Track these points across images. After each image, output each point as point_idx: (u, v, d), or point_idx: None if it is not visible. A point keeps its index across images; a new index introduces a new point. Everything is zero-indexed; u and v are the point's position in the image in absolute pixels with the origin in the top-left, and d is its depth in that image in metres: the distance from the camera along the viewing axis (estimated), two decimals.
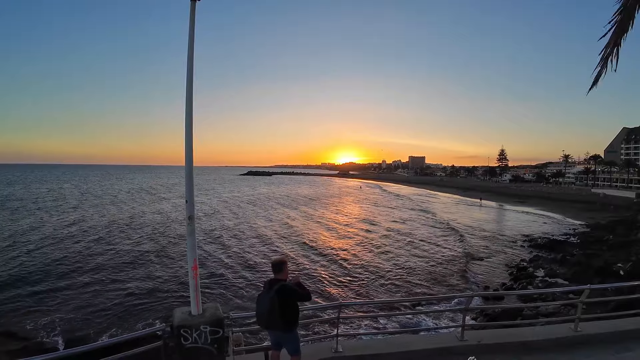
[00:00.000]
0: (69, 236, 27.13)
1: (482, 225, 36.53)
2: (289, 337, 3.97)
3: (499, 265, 21.01)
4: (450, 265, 20.97)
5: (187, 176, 3.86)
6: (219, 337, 3.77)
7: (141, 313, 13.78)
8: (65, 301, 14.79)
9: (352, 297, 15.80)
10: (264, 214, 42.72)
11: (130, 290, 16.02)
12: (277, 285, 3.82)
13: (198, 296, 3.85)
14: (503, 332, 5.87)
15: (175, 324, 3.68)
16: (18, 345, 10.81)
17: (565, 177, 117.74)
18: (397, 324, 12.56)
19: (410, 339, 6.44)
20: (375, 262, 21.22)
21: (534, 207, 55.28)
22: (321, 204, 58.57)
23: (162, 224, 33.60)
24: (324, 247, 25.41)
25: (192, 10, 3.76)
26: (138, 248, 23.94)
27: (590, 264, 18.79)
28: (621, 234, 28.41)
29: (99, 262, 20.35)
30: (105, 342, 3.95)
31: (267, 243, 26.29)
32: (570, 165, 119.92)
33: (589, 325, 5.64)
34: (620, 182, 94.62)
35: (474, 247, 25.95)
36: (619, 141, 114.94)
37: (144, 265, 19.95)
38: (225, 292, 16.05)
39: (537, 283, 17.27)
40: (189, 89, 3.79)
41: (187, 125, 3.82)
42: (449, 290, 16.78)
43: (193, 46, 3.79)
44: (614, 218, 38.98)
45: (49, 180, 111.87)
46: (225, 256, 22.15)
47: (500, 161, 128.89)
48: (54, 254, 21.91)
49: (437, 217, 42.69)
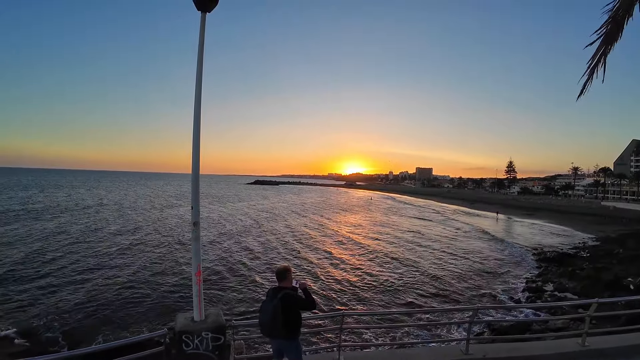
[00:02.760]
0: (89, 240, 27.38)
1: (492, 238, 36.09)
2: (291, 346, 3.95)
3: (506, 279, 20.67)
4: (457, 277, 20.69)
5: (193, 183, 3.94)
6: (220, 344, 3.77)
7: (144, 317, 13.77)
8: (69, 302, 14.84)
9: (356, 306, 15.63)
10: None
11: (136, 294, 16.06)
12: (281, 293, 3.82)
13: (201, 302, 3.87)
14: (509, 346, 5.77)
15: (177, 330, 3.70)
16: (19, 348, 10.89)
17: (574, 189, 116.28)
18: (401, 336, 12.37)
19: (414, 352, 6.35)
20: (386, 272, 21.03)
21: (543, 219, 54.47)
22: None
23: (178, 230, 33.86)
24: (341, 257, 25.28)
25: (203, 21, 3.87)
26: (154, 253, 24.04)
27: (600, 277, 18.40)
28: (632, 248, 27.82)
29: (108, 263, 20.48)
30: (107, 345, 3.98)
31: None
32: (579, 177, 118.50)
33: (596, 340, 5.53)
34: (630, 195, 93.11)
35: (481, 259, 25.61)
36: (628, 153, 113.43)
37: (153, 269, 20.02)
38: (229, 298, 15.98)
39: (545, 297, 16.95)
40: (197, 99, 3.89)
41: (195, 134, 3.90)
42: (454, 302, 16.52)
43: (202, 56, 3.90)
44: (625, 231, 38.25)
45: (68, 185, 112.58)
46: (236, 262, 22.12)
47: (508, 173, 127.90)
48: (67, 255, 22.12)
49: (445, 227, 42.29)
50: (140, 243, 27.55)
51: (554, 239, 36.76)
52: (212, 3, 3.79)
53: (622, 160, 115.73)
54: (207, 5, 3.80)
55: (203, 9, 3.82)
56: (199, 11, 3.83)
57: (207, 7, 3.81)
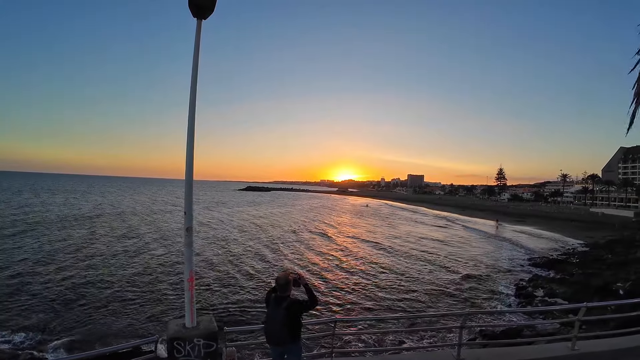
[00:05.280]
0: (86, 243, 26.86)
1: (481, 245, 36.36)
2: (296, 349, 4.00)
3: (497, 284, 20.81)
4: (449, 282, 20.78)
5: (187, 189, 3.92)
6: (212, 350, 3.74)
7: (134, 324, 13.52)
8: (55, 309, 14.51)
9: (347, 312, 15.58)
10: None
11: (126, 300, 15.78)
12: (285, 302, 3.85)
13: (193, 308, 3.84)
14: (500, 351, 5.82)
15: (168, 336, 3.66)
16: (5, 355, 10.63)
17: (563, 196, 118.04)
18: (394, 341, 12.35)
19: (406, 357, 6.37)
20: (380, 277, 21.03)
21: (533, 226, 55.08)
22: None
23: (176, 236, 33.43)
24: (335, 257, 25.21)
25: (198, 28, 3.90)
26: (145, 258, 23.68)
27: (589, 283, 18.65)
28: (620, 253, 28.30)
29: (100, 269, 20.10)
30: (97, 352, 3.92)
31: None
32: (568, 184, 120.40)
33: (586, 344, 5.60)
34: (618, 202, 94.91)
35: (472, 265, 25.77)
36: (616, 161, 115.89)
37: (144, 275, 19.70)
38: (221, 304, 15.79)
39: (536, 302, 17.09)
40: (191, 106, 3.89)
41: (189, 139, 3.90)
42: (446, 307, 16.58)
43: (198, 63, 3.92)
44: (613, 237, 38.88)
45: (70, 190, 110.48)
46: (231, 268, 21.90)
47: (498, 180, 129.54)
48: (54, 262, 21.66)
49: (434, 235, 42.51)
50: (131, 248, 27.15)
51: (544, 245, 37.17)
52: (207, 11, 3.83)
53: (609, 167, 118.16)
54: (202, 12, 3.84)
55: (199, 16, 3.86)
56: (195, 18, 3.87)
57: (203, 14, 3.85)
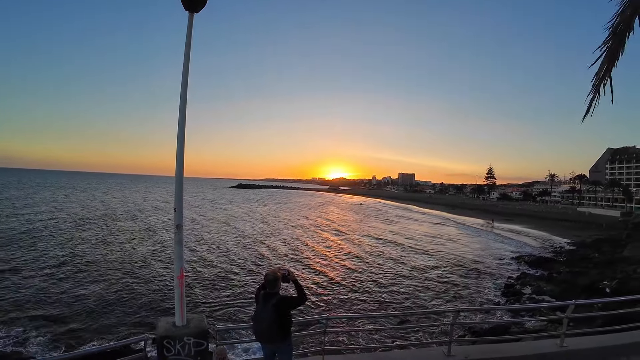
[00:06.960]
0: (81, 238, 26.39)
1: (470, 243, 36.78)
2: (286, 347, 3.97)
3: (486, 282, 21.09)
4: (439, 280, 20.97)
5: (177, 185, 3.85)
6: (202, 349, 3.69)
7: (124, 322, 13.35)
8: (48, 305, 14.34)
9: (339, 309, 15.63)
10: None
11: (115, 297, 15.60)
12: (274, 299, 3.82)
13: (183, 306, 3.78)
14: (490, 348, 5.87)
15: (158, 335, 3.61)
16: None
17: (551, 196, 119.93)
18: (385, 338, 12.43)
19: (396, 355, 6.40)
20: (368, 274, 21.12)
21: (522, 225, 55.95)
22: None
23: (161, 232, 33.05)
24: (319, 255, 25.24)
25: (190, 21, 3.82)
26: (136, 255, 23.37)
27: (576, 281, 19.01)
28: (607, 252, 28.91)
29: (92, 266, 19.78)
30: (86, 351, 3.85)
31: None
32: (556, 184, 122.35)
33: (574, 341, 5.69)
34: (605, 202, 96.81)
35: (461, 263, 26.06)
36: (603, 161, 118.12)
37: (135, 272, 19.47)
38: (212, 302, 15.68)
39: (524, 300, 17.36)
40: (182, 101, 3.80)
41: (179, 136, 3.82)
42: (437, 305, 16.74)
43: (189, 57, 3.84)
44: (600, 236, 39.68)
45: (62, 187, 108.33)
46: (222, 266, 21.77)
47: (488, 179, 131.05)
48: (40, 259, 21.25)
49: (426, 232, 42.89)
50: (121, 245, 26.80)
51: (532, 243, 37.81)
52: (199, 4, 3.75)
53: (597, 167, 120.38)
54: (194, 5, 3.75)
55: (191, 9, 3.78)
56: (187, 11, 3.78)
57: (195, 7, 3.77)
